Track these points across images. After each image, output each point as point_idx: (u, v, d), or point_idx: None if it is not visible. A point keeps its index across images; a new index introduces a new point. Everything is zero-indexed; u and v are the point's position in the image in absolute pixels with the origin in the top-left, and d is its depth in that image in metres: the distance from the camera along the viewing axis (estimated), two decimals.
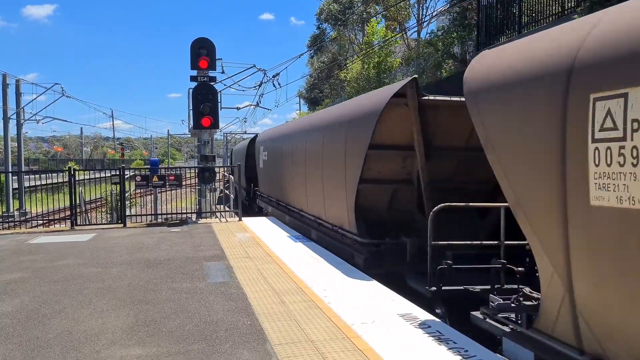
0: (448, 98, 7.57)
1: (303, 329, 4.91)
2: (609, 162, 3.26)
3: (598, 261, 3.43)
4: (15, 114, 27.68)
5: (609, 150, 3.25)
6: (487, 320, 4.78)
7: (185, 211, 13.82)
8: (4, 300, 6.04)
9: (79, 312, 5.54)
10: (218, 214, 14.36)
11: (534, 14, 13.16)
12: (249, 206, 20.14)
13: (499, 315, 4.57)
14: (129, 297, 6.08)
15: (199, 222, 13.11)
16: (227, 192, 15.74)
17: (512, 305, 4.32)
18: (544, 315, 4.02)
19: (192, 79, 14.37)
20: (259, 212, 18.20)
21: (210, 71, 14.49)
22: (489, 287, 5.65)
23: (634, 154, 3.07)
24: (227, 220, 13.14)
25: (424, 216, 7.39)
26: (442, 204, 6.05)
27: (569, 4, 11.75)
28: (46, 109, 64.82)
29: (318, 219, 10.31)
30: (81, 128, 67.30)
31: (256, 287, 6.46)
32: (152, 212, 14.50)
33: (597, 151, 3.34)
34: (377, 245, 7.86)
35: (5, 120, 26.98)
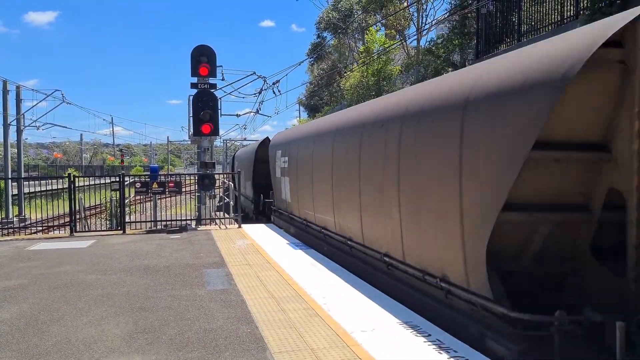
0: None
1: (303, 337, 4.89)
2: None
3: None
4: (15, 120, 27.71)
5: None
6: None
7: (184, 218, 13.81)
8: (3, 307, 6.02)
9: (78, 319, 5.52)
10: (218, 221, 14.35)
11: (533, 23, 13.22)
12: (256, 220, 17.14)
13: None
14: (128, 304, 6.06)
15: (198, 228, 13.09)
16: (227, 198, 15.74)
17: None
18: None
19: (193, 86, 14.40)
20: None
21: (210, 78, 14.52)
22: None
23: None
24: (226, 227, 13.13)
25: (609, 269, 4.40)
26: None
27: (568, 13, 11.81)
28: (46, 115, 65.01)
29: (403, 264, 6.37)
30: (81, 134, 67.29)
31: (256, 294, 6.44)
32: (152, 219, 14.48)
33: None
34: (540, 328, 4.25)
35: (5, 126, 26.99)
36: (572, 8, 11.71)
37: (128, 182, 14.92)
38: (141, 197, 18.73)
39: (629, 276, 4.04)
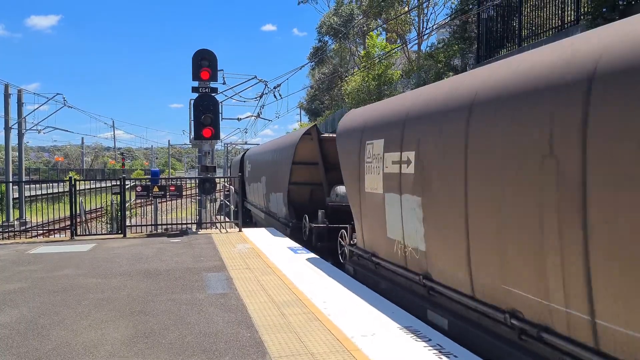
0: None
1: (303, 341, 4.88)
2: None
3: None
4: (16, 124, 27.75)
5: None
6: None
7: (185, 221, 13.80)
8: (3, 310, 6.02)
9: (78, 323, 5.52)
10: (218, 225, 14.35)
11: (533, 28, 13.25)
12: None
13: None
14: (129, 308, 6.06)
15: (199, 232, 13.09)
16: (227, 202, 15.74)
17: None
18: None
19: (194, 90, 14.41)
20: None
21: (211, 82, 14.53)
22: None
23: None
24: (227, 231, 13.13)
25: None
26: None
27: (569, 18, 11.83)
28: (48, 119, 65.11)
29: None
30: (82, 138, 67.43)
31: (256, 298, 6.44)
32: (152, 223, 14.48)
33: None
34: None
35: (7, 130, 27.04)
36: (572, 13, 11.73)
37: (129, 185, 14.93)
38: (142, 200, 18.74)
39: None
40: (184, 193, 15.24)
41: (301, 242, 11.30)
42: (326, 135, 13.64)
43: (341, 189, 11.31)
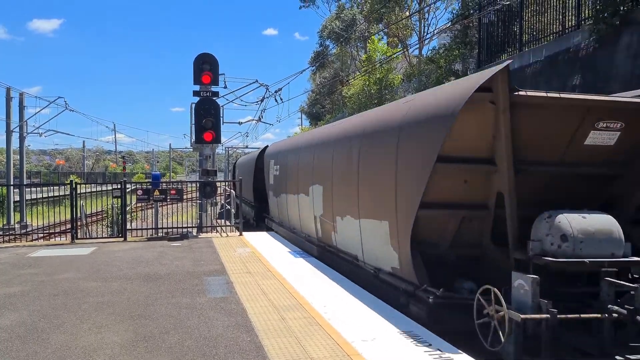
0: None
1: (303, 346, 4.87)
2: None
3: None
4: (18, 127, 27.80)
5: None
6: None
7: (186, 225, 13.81)
8: (3, 314, 6.02)
9: (78, 326, 5.51)
10: (219, 229, 14.35)
11: (534, 33, 13.27)
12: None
13: None
14: (128, 311, 6.05)
15: (199, 236, 13.09)
16: (228, 206, 15.72)
17: None
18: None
19: (195, 93, 14.45)
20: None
21: (212, 86, 14.56)
22: None
23: None
24: (227, 235, 13.12)
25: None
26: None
27: (570, 23, 11.85)
28: (49, 122, 65.29)
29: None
30: (83, 141, 67.46)
31: (256, 302, 6.43)
32: (153, 226, 14.48)
33: None
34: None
35: (8, 133, 27.08)
36: (573, 18, 11.75)
37: (130, 189, 14.94)
38: (142, 204, 18.76)
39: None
40: (185, 197, 15.25)
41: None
42: (534, 94, 5.65)
43: (576, 220, 5.17)
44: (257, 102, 24.69)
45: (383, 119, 7.35)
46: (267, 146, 16.85)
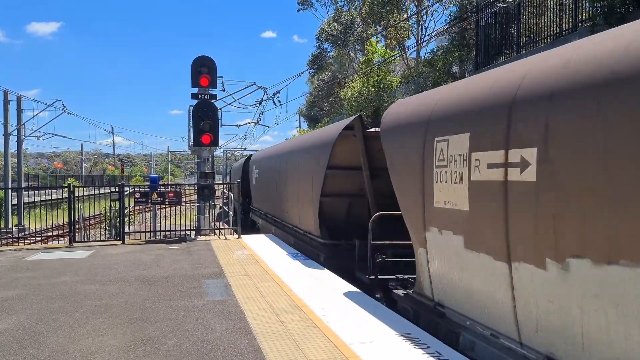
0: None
1: (301, 348, 4.87)
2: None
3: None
4: (16, 130, 27.77)
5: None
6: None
7: (184, 228, 13.79)
8: (1, 317, 6.00)
9: (76, 330, 5.50)
10: (217, 231, 14.33)
11: (532, 35, 13.30)
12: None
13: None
14: (126, 315, 6.04)
15: (197, 239, 13.07)
16: (226, 209, 15.72)
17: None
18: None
19: (193, 96, 14.45)
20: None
21: (211, 89, 14.57)
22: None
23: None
24: (226, 238, 13.11)
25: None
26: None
27: (567, 25, 11.88)
28: (47, 125, 64.97)
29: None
30: (81, 144, 67.35)
31: (254, 305, 6.42)
32: (151, 229, 14.47)
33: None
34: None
35: (6, 136, 27.05)
36: (570, 20, 11.79)
37: (128, 192, 14.92)
38: (141, 207, 18.73)
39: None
40: (183, 199, 15.24)
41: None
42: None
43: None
44: (255, 104, 24.74)
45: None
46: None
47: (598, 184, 3.39)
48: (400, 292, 6.86)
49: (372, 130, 9.71)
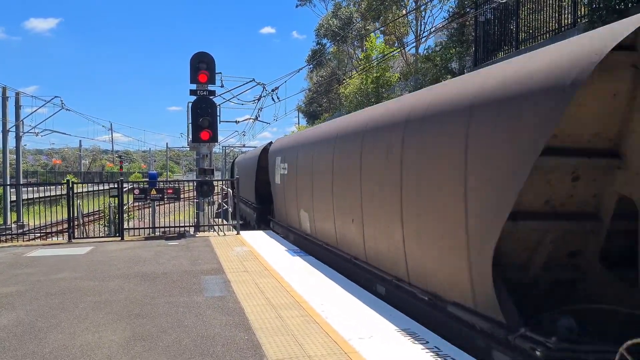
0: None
1: (300, 344, 4.88)
2: None
3: None
4: (14, 127, 27.72)
5: None
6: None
7: (183, 224, 13.79)
8: (1, 313, 6.01)
9: (76, 326, 5.51)
10: (216, 228, 14.33)
11: (531, 31, 13.29)
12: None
13: None
14: (126, 311, 6.05)
15: (196, 235, 13.07)
16: (225, 205, 15.71)
17: None
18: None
19: (192, 92, 14.42)
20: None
21: (209, 85, 14.54)
22: None
23: None
24: (225, 234, 13.12)
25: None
26: None
27: (566, 21, 11.87)
28: (45, 121, 64.94)
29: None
30: (80, 141, 67.37)
31: (254, 301, 6.43)
32: (150, 225, 14.47)
33: None
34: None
35: (5, 133, 27.00)
36: (569, 16, 11.78)
37: (126, 188, 14.91)
38: (139, 203, 18.72)
39: None
40: (182, 196, 15.23)
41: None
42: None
43: None
44: (254, 100, 24.65)
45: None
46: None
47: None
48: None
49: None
